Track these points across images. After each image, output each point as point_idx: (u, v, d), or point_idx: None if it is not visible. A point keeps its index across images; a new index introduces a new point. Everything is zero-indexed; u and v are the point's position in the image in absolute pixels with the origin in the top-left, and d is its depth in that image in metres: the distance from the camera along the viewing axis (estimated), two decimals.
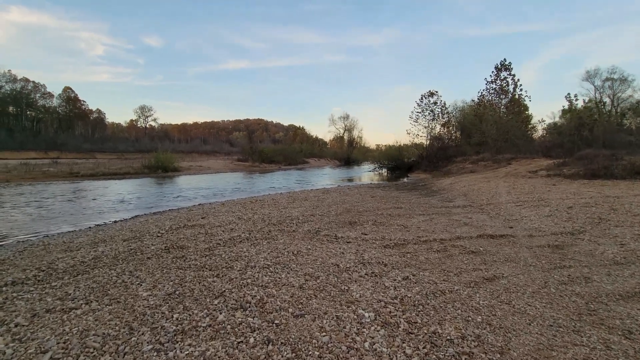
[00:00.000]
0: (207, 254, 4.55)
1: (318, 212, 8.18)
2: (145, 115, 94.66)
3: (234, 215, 7.77)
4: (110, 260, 4.32)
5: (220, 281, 3.50)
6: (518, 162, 21.53)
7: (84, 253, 4.70)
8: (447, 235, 5.83)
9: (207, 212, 8.36)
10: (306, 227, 6.30)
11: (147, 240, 5.38)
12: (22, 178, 18.39)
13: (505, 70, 26.00)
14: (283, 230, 5.98)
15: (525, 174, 17.16)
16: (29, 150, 59.35)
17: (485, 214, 8.40)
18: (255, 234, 5.78)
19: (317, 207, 9.13)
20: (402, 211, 8.52)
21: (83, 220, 8.46)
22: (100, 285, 3.42)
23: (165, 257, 4.46)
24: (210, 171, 30.20)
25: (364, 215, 7.77)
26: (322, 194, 12.83)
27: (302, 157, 54.22)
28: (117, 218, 8.51)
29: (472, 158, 25.52)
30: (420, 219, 7.48)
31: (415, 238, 5.59)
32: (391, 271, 3.91)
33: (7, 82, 70.01)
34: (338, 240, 5.46)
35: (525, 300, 3.18)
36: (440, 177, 22.97)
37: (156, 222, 7.15)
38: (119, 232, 6.25)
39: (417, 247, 5.04)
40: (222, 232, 6.01)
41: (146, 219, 7.89)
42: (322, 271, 3.82)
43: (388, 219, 7.35)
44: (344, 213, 8.09)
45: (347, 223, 6.90)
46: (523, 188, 12.58)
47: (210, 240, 5.35)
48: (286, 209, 8.75)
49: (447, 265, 4.21)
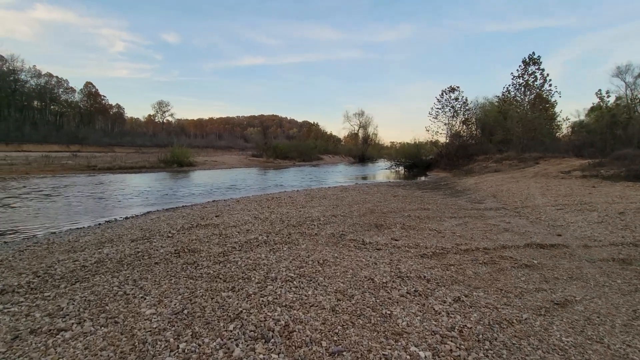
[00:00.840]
0: (221, 260, 4.03)
1: (339, 212, 7.58)
2: (162, 111, 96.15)
3: (250, 214, 7.26)
4: (114, 265, 3.86)
5: (236, 297, 2.96)
6: (547, 161, 20.25)
7: (88, 255, 4.26)
8: (490, 244, 5.12)
9: (221, 210, 7.90)
10: (329, 230, 5.71)
11: (157, 242, 4.92)
12: (41, 170, 18.57)
13: (533, 65, 24.51)
14: (304, 234, 5.41)
15: (557, 174, 16.01)
16: (52, 143, 61.10)
17: (524, 218, 7.60)
18: (273, 236, 5.23)
19: (337, 206, 8.53)
20: (430, 213, 7.82)
21: (95, 214, 8.16)
22: (98, 298, 2.94)
23: (175, 263, 3.97)
24: (225, 166, 30.05)
25: (389, 217, 7.11)
26: (341, 192, 12.21)
27: (316, 154, 53.64)
28: (129, 214, 8.16)
29: (495, 157, 24.28)
30: (452, 223, 6.77)
31: (454, 246, 4.91)
32: (437, 289, 3.27)
33: (32, 77, 72.11)
34: (366, 246, 4.85)
35: (620, 338, 2.49)
36: (462, 176, 21.92)
37: (168, 220, 6.72)
38: (128, 230, 5.84)
39: (460, 258, 4.37)
40: (237, 233, 5.50)
41: (158, 216, 7.49)
42: (356, 287, 3.22)
43: (417, 222, 6.68)
44: (367, 214, 7.46)
45: (373, 226, 6.27)
46: (559, 190, 11.59)
47: (224, 243, 4.84)
48: (305, 208, 8.19)
49: (502, 283, 3.54)
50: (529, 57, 24.63)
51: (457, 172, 24.66)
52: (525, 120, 24.19)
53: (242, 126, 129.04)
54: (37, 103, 74.77)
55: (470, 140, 31.17)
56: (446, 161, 28.72)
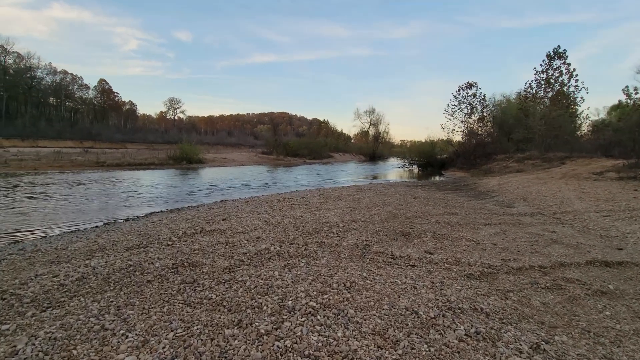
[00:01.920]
0: (226, 279, 3.34)
1: (359, 216, 6.83)
2: (173, 107, 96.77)
3: (260, 217, 6.58)
4: (98, 284, 3.21)
5: (243, 338, 2.26)
6: (574, 161, 19.01)
7: (71, 269, 3.64)
8: (544, 260, 4.30)
9: (229, 212, 7.24)
10: (351, 239, 4.97)
11: (154, 252, 4.27)
12: (50, 166, 18.37)
13: (558, 59, 23.14)
14: (322, 244, 4.68)
15: (588, 175, 14.87)
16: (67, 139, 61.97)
17: (568, 226, 6.70)
18: (287, 246, 4.52)
19: (355, 209, 7.79)
20: (460, 219, 6.99)
21: (95, 215, 7.63)
22: (67, 335, 2.28)
23: (171, 282, 3.30)
24: (235, 164, 29.58)
25: (416, 223, 6.33)
26: (356, 192, 11.45)
27: (326, 152, 52.86)
28: (131, 214, 7.59)
29: (516, 156, 23.05)
30: (489, 232, 5.95)
31: (502, 263, 4.11)
32: (503, 329, 2.50)
33: (47, 74, 73.21)
34: (397, 261, 4.09)
35: None
36: (482, 176, 20.85)
37: (170, 224, 6.09)
38: (125, 236, 5.22)
39: (515, 280, 3.58)
40: (246, 241, 4.82)
41: (160, 218, 6.88)
42: (398, 325, 2.48)
43: (450, 230, 5.88)
44: (390, 219, 6.69)
45: (400, 234, 5.51)
46: (596, 193, 10.57)
47: (231, 254, 4.16)
48: (320, 211, 7.47)
49: (584, 321, 2.74)
50: (553, 51, 23.27)
51: (476, 171, 23.55)
52: (549, 117, 22.86)
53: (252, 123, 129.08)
54: (52, 100, 76.03)
55: (487, 139, 29.90)
56: (463, 160, 27.59)
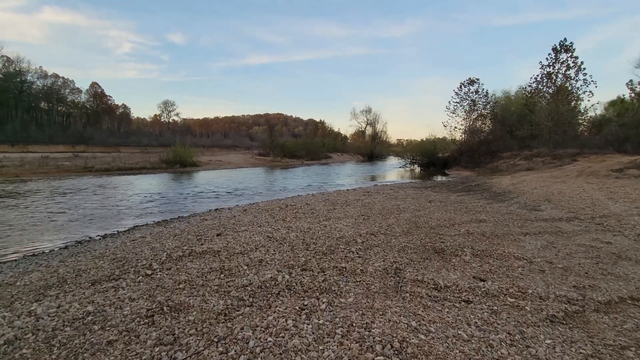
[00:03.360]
0: (220, 337, 2.36)
1: (375, 227, 5.87)
2: (168, 110, 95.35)
3: (261, 231, 5.59)
4: (34, 352, 2.22)
5: None
6: (586, 158, 18.23)
7: (5, 322, 2.64)
8: (626, 286, 3.37)
9: (224, 225, 6.24)
10: (376, 261, 4.01)
11: (126, 288, 3.27)
12: (33, 173, 17.22)
13: (565, 52, 22.37)
14: (343, 270, 3.70)
15: (607, 173, 14.05)
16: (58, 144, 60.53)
17: (618, 234, 5.79)
18: (299, 274, 3.55)
19: (368, 217, 6.83)
20: (491, 227, 6.06)
21: (70, 230, 6.59)
22: None
23: (142, 342, 2.31)
24: (231, 166, 28.52)
25: (445, 235, 5.38)
26: (364, 196, 10.49)
27: (324, 152, 51.89)
28: (110, 229, 6.58)
29: (523, 153, 22.25)
30: (534, 244, 5.02)
31: (579, 293, 3.17)
32: None
33: (38, 78, 71.71)
34: (444, 294, 3.14)
35: None
36: (489, 175, 20.01)
37: (154, 242, 5.09)
38: (95, 261, 4.21)
39: (615, 324, 2.63)
40: (245, 266, 3.84)
41: (144, 234, 5.86)
42: None
43: (488, 244, 4.93)
44: (413, 230, 5.74)
45: (432, 251, 4.56)
46: (627, 193, 9.72)
47: (227, 289, 3.18)
48: (329, 220, 6.49)
49: None
50: (559, 44, 22.50)
51: (482, 170, 22.72)
52: (557, 113, 22.08)
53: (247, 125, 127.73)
54: (44, 104, 74.51)
55: (490, 136, 29.09)
56: (467, 159, 26.78)
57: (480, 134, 28.65)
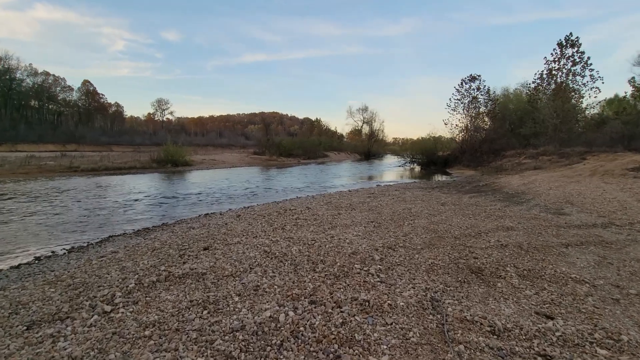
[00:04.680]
0: None
1: (391, 237, 5.02)
2: (162, 109, 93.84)
3: (258, 244, 4.70)
4: None
5: None
6: (595, 156, 17.56)
7: None
8: None
9: (213, 235, 5.34)
10: (405, 289, 3.14)
11: (69, 338, 2.37)
12: (13, 173, 16.12)
13: (571, 47, 21.70)
14: (365, 305, 2.82)
15: (623, 172, 13.35)
16: (48, 143, 58.95)
17: None
18: (307, 310, 2.68)
19: (379, 225, 5.98)
20: (524, 237, 5.23)
21: (33, 242, 5.65)
22: None
23: None
24: (225, 165, 27.51)
25: (476, 248, 4.54)
26: (369, 198, 9.65)
27: (321, 151, 50.99)
28: (79, 241, 5.64)
29: (528, 152, 21.55)
30: (585, 260, 4.19)
31: None
32: None
33: (28, 76, 69.90)
34: (507, 344, 2.28)
35: None
36: (494, 174, 19.27)
37: (126, 259, 4.17)
38: (45, 290, 3.29)
39: None
40: (237, 297, 2.96)
41: (117, 247, 4.93)
42: None
43: (532, 261, 4.09)
44: (435, 241, 4.89)
45: (468, 271, 3.71)
46: None
47: (210, 337, 2.30)
48: (335, 229, 5.62)
49: None
50: (565, 38, 21.82)
51: (485, 169, 21.98)
52: (562, 110, 21.40)
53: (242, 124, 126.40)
54: (34, 102, 72.67)
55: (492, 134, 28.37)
56: (469, 157, 26.04)
57: (483, 132, 27.93)
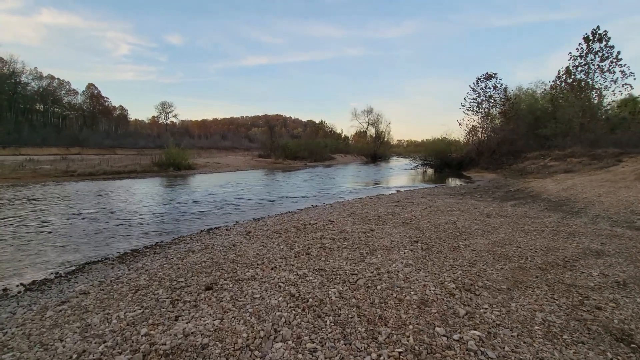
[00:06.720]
0: None
1: (455, 268, 3.71)
2: (166, 112, 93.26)
3: (279, 280, 3.42)
4: None
5: None
6: (633, 158, 16.08)
7: None
8: None
9: (219, 262, 4.07)
10: None
11: None
12: (4, 178, 15.04)
13: (598, 42, 20.26)
14: None
15: None
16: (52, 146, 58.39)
17: None
18: None
19: (429, 247, 4.67)
20: (625, 265, 3.91)
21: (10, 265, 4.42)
22: None
23: None
24: (229, 169, 26.33)
25: (587, 292, 3.23)
26: (396, 207, 8.35)
27: (327, 153, 49.71)
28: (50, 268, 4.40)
29: (554, 153, 20.07)
30: None
31: None
32: None
33: (33, 80, 69.81)
34: None
35: None
36: (518, 177, 17.87)
37: (95, 309, 2.91)
38: None
39: None
40: None
41: (90, 283, 3.67)
42: None
43: None
44: (521, 277, 3.57)
45: (608, 337, 2.40)
46: None
47: None
48: (376, 254, 4.32)
49: None
50: (592, 32, 20.37)
51: (506, 172, 20.56)
52: (590, 108, 19.93)
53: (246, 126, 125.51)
54: (39, 105, 72.49)
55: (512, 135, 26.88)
56: (487, 159, 24.61)
57: (501, 133, 26.46)
